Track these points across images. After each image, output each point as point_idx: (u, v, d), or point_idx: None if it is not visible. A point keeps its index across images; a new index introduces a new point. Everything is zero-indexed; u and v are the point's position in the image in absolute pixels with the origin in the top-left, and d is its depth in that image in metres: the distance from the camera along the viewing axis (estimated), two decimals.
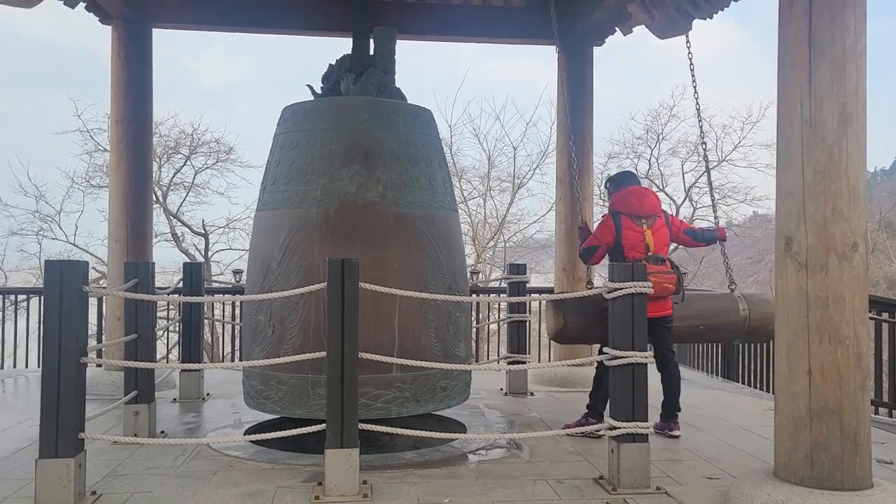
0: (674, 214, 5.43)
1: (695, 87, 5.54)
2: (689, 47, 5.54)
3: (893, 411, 6.32)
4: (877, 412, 6.19)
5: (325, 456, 3.74)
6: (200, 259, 17.70)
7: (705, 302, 5.38)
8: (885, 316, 6.39)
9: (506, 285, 6.84)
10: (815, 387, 3.36)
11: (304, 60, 39.90)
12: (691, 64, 5.49)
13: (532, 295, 7.59)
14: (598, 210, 8.12)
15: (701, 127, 5.93)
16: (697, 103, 5.57)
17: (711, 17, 6.04)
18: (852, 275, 3.35)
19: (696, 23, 6.13)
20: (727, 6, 5.88)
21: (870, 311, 4.46)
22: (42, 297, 3.94)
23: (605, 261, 5.14)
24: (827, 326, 3.35)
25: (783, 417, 3.49)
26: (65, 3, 6.20)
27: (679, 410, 5.12)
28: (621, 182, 5.26)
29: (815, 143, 3.37)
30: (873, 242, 19.10)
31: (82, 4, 6.39)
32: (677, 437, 5.02)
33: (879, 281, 19.24)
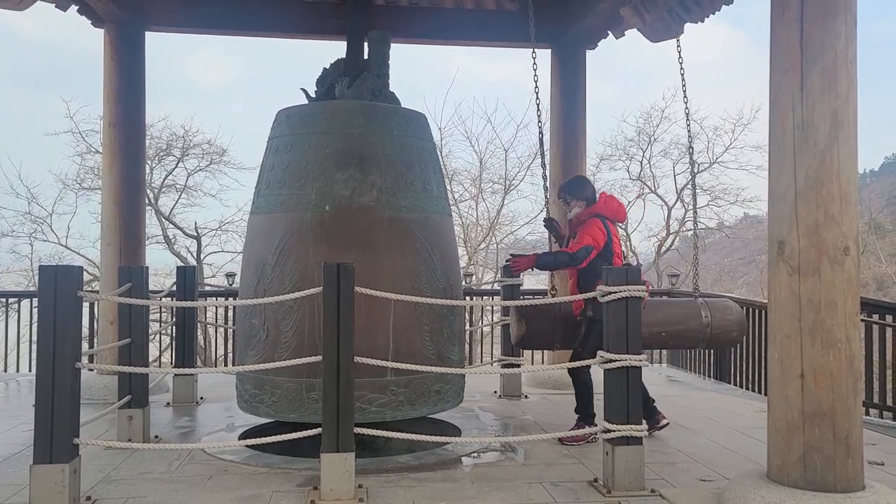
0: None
1: (684, 91, 5.47)
2: (679, 51, 5.54)
3: (884, 412, 6.37)
4: (867, 413, 6.24)
5: (320, 460, 3.74)
6: (192, 262, 17.65)
7: (668, 309, 5.30)
8: (875, 318, 6.44)
9: (499, 287, 6.86)
10: (808, 390, 3.39)
11: (299, 62, 39.84)
12: (682, 68, 5.46)
13: (526, 298, 7.60)
14: None
15: (689, 129, 5.87)
16: (687, 107, 5.53)
17: (703, 21, 6.08)
18: (844, 278, 3.39)
19: (689, 26, 6.18)
20: (718, 10, 5.92)
21: (860, 313, 4.49)
22: (34, 301, 3.93)
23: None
24: (819, 330, 3.38)
25: (776, 420, 3.52)
26: (56, 6, 6.18)
27: (653, 402, 5.16)
28: (583, 187, 5.19)
29: (807, 149, 3.40)
30: (863, 244, 19.21)
31: (74, 7, 6.37)
32: (667, 424, 5.08)
33: (868, 282, 19.38)
